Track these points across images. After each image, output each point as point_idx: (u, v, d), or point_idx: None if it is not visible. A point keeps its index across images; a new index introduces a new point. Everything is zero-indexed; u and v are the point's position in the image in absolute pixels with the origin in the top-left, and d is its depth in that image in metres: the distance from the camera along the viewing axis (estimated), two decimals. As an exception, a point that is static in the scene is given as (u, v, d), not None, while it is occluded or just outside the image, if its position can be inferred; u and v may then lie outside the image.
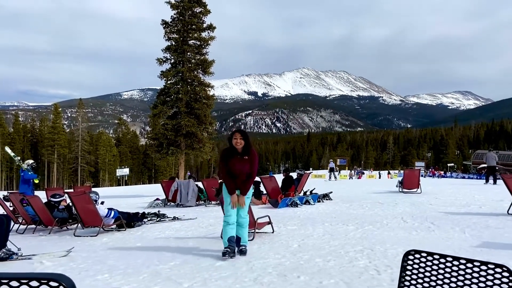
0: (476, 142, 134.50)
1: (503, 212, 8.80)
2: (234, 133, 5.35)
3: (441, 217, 8.36)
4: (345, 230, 7.08)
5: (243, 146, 5.28)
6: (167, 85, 23.54)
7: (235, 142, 5.25)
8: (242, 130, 5.45)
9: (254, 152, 5.40)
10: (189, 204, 12.88)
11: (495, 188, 16.72)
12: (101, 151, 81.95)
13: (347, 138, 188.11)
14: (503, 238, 6.16)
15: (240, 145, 5.25)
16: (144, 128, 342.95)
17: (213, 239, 6.76)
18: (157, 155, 23.87)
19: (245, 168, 5.31)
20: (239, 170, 5.29)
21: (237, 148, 5.28)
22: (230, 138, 5.35)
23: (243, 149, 5.29)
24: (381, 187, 19.69)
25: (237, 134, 5.29)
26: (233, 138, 5.28)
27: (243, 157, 5.28)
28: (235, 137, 5.28)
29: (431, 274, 1.76)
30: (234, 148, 5.30)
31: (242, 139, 5.26)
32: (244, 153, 5.29)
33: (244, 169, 5.31)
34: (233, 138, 5.28)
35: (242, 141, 5.26)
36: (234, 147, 5.29)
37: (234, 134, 5.32)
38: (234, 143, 5.26)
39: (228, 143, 5.40)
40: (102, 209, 7.80)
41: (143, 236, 7.46)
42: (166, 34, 23.60)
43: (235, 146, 5.27)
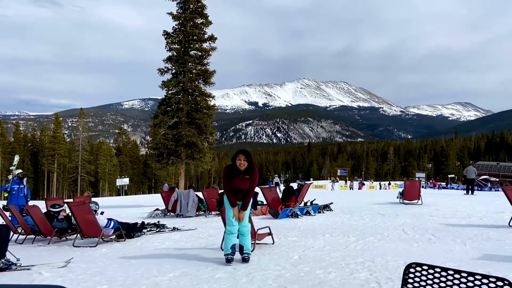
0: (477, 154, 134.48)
1: (504, 224, 8.76)
2: (238, 154, 5.50)
3: (442, 229, 8.33)
4: (345, 242, 7.04)
5: (246, 167, 5.45)
6: (168, 95, 23.65)
7: (239, 163, 5.42)
8: (246, 151, 5.58)
9: (256, 171, 5.58)
10: (189, 214, 12.82)
11: (496, 200, 16.66)
12: (101, 160, 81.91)
13: (347, 148, 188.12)
14: (504, 250, 6.12)
15: (244, 166, 5.43)
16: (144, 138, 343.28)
17: (213, 250, 6.72)
18: (157, 165, 23.86)
19: (246, 185, 5.53)
20: (240, 187, 5.51)
21: (240, 169, 5.45)
22: (234, 158, 5.52)
23: (245, 169, 5.47)
24: (381, 198, 19.63)
25: (241, 156, 5.45)
26: (237, 159, 5.44)
27: (244, 176, 5.47)
28: (238, 158, 5.44)
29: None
30: (237, 167, 5.47)
31: (245, 161, 5.44)
32: (246, 172, 5.48)
33: (245, 187, 5.52)
34: (237, 159, 5.44)
35: (245, 163, 5.44)
36: (236, 167, 5.48)
37: (238, 156, 5.47)
38: (238, 164, 5.43)
39: (232, 161, 5.57)
40: (102, 219, 7.77)
41: (143, 247, 7.41)
42: (167, 44, 23.77)
43: (239, 167, 5.43)
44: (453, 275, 1.73)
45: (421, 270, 1.81)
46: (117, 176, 75.44)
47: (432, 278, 1.77)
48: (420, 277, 1.80)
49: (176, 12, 23.67)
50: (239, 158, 5.43)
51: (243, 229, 5.63)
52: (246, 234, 5.65)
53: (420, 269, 1.81)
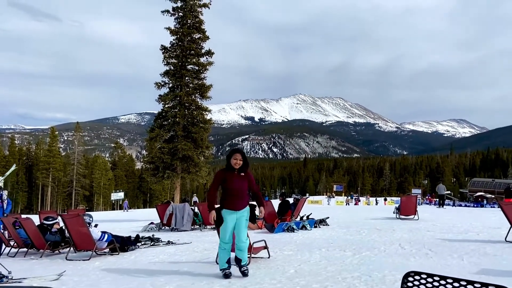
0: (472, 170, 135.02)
1: (501, 240, 8.73)
2: (234, 153, 5.38)
3: (439, 243, 8.28)
4: (342, 256, 6.98)
5: (241, 166, 5.37)
6: (164, 109, 23.68)
7: (235, 162, 5.32)
8: (241, 151, 5.52)
9: (249, 171, 5.51)
10: (184, 228, 12.70)
11: (492, 215, 16.66)
12: (96, 174, 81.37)
13: (343, 164, 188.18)
14: (502, 265, 6.09)
15: (239, 166, 5.35)
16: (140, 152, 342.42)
17: (208, 263, 6.64)
18: (153, 178, 23.73)
19: (244, 185, 5.39)
20: (238, 186, 5.34)
21: (235, 168, 5.34)
22: (229, 156, 5.39)
23: (240, 168, 5.37)
24: (378, 213, 19.56)
25: (238, 155, 5.36)
26: (233, 159, 5.33)
27: (239, 174, 5.36)
28: (235, 157, 5.33)
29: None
30: (231, 167, 5.35)
31: (241, 160, 5.37)
32: (240, 170, 5.38)
33: (244, 187, 5.39)
34: (233, 158, 5.33)
35: (241, 162, 5.37)
36: (230, 166, 5.35)
37: (234, 155, 5.36)
38: (233, 163, 5.32)
39: (226, 162, 5.44)
40: (96, 232, 7.67)
41: (137, 260, 7.31)
42: (165, 59, 23.92)
43: (234, 166, 5.33)
44: (452, 284, 1.71)
45: (419, 278, 1.78)
46: (112, 190, 74.91)
47: (431, 287, 1.75)
48: (419, 286, 1.77)
49: (174, 27, 23.89)
50: (235, 158, 5.32)
51: (242, 245, 5.43)
52: (245, 249, 5.49)
53: (419, 277, 1.78)
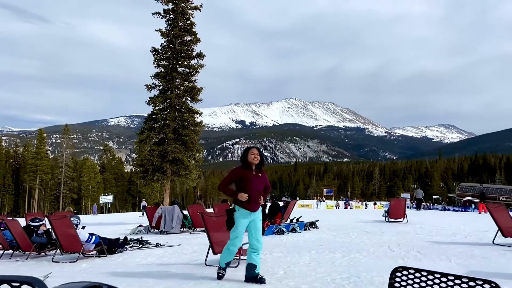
0: (460, 175, 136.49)
1: (489, 242, 8.81)
2: (250, 149, 5.32)
3: (427, 246, 8.33)
4: (331, 258, 6.97)
5: (258, 163, 5.28)
6: (155, 111, 23.56)
7: (253, 157, 5.21)
8: (257, 147, 5.48)
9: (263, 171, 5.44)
10: (173, 231, 12.60)
11: (480, 218, 16.86)
12: (84, 177, 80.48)
13: (333, 168, 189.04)
14: (489, 267, 6.14)
15: (257, 161, 5.24)
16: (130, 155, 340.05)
17: (197, 265, 6.58)
18: (142, 181, 23.57)
19: (261, 186, 5.31)
20: (256, 188, 5.20)
21: (253, 164, 5.23)
22: (245, 153, 5.29)
23: (257, 165, 5.28)
24: (367, 217, 19.63)
25: (255, 150, 5.30)
26: (250, 154, 5.24)
27: (258, 174, 5.25)
28: (252, 152, 5.25)
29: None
30: (248, 165, 5.25)
31: (259, 155, 5.28)
32: (257, 168, 5.28)
33: (261, 188, 5.29)
34: (250, 153, 5.25)
35: (259, 157, 5.26)
36: (247, 164, 5.24)
37: (251, 150, 5.30)
38: (251, 158, 5.20)
39: (242, 161, 5.33)
40: (83, 234, 7.56)
41: (124, 262, 7.22)
42: (155, 61, 23.83)
43: (252, 161, 5.22)
44: (439, 278, 1.71)
45: (407, 274, 1.77)
46: (100, 193, 74.18)
47: (418, 282, 1.74)
48: (407, 280, 1.76)
49: (165, 29, 23.83)
50: (252, 152, 5.22)
51: (258, 246, 5.15)
52: (259, 251, 5.19)
53: (407, 272, 1.78)
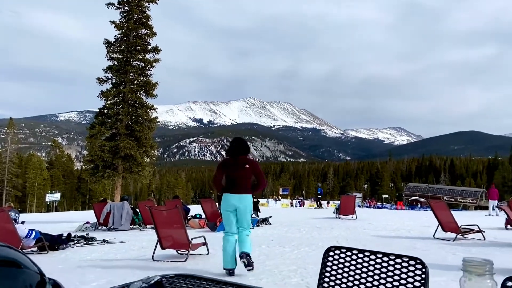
0: (408, 176, 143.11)
1: (430, 236, 9.28)
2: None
3: (373, 240, 8.64)
4: (281, 252, 7.05)
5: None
6: (106, 106, 22.70)
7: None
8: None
9: (254, 161, 5.40)
10: (122, 228, 12.20)
11: (424, 217, 17.74)
12: (30, 174, 76.25)
13: (290, 168, 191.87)
14: (428, 259, 6.39)
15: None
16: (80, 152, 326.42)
17: (143, 261, 6.42)
18: (92, 178, 22.64)
19: (248, 174, 5.21)
20: (240, 176, 5.16)
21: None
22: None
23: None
24: (319, 214, 20.10)
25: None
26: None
27: (243, 166, 5.20)
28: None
29: (349, 270, 1.75)
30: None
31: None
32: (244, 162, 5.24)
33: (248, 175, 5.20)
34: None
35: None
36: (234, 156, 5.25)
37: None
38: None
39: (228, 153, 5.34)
40: (22, 229, 7.14)
41: (67, 258, 6.90)
42: (108, 53, 22.98)
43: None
44: (369, 256, 1.75)
45: (339, 253, 1.80)
46: (47, 191, 70.60)
47: (349, 260, 1.77)
48: (339, 260, 1.79)
49: (119, 21, 23.05)
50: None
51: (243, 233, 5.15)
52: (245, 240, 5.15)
53: (339, 252, 1.80)
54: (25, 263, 0.72)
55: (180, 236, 6.47)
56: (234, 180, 5.15)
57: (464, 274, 0.57)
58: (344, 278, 1.74)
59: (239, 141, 5.36)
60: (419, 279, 1.59)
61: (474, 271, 0.56)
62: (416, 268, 1.63)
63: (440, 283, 4.50)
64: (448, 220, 9.22)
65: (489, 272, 0.56)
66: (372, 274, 1.70)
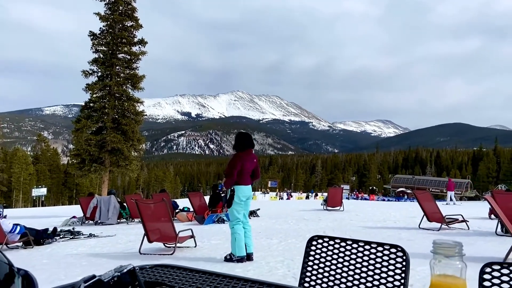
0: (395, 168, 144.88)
1: (415, 227, 9.42)
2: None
3: (359, 230, 8.74)
4: (268, 244, 7.08)
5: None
6: (92, 99, 22.40)
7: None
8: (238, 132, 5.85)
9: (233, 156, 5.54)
10: (109, 222, 12.11)
11: (410, 208, 18.00)
12: (15, 169, 75.03)
13: (278, 161, 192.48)
14: (413, 248, 6.54)
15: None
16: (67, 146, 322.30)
17: (130, 254, 6.38)
18: (79, 172, 22.40)
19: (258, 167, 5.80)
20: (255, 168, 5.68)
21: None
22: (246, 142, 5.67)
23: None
24: (307, 206, 20.22)
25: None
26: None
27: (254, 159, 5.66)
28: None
29: (332, 258, 1.76)
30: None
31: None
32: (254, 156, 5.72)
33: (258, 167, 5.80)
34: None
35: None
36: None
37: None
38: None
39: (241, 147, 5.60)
40: (6, 224, 7.03)
41: (52, 253, 6.82)
42: (93, 46, 22.64)
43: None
44: (351, 245, 1.76)
45: (322, 242, 1.81)
46: (33, 185, 69.61)
47: (332, 249, 1.79)
48: (321, 248, 1.80)
49: (104, 13, 22.69)
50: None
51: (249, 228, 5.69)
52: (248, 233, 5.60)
53: (322, 241, 1.82)
54: None
55: (167, 229, 6.45)
56: (249, 172, 5.51)
57: (434, 257, 0.58)
58: (327, 266, 1.75)
59: (249, 136, 5.69)
60: (400, 266, 1.62)
61: (444, 253, 0.57)
62: (397, 256, 1.65)
63: (424, 271, 4.58)
64: (433, 210, 9.36)
65: (458, 254, 0.56)
66: (354, 262, 1.72)
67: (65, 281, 4.42)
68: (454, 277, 0.58)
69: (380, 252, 1.69)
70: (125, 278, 0.74)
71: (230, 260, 5.38)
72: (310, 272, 1.77)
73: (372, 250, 1.71)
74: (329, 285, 1.71)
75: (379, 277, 1.61)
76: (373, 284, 1.61)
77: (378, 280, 1.61)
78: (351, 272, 1.71)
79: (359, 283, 1.65)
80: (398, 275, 1.58)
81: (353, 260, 1.73)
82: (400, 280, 1.56)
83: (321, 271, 1.77)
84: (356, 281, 1.66)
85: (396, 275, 1.58)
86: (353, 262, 1.73)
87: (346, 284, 1.68)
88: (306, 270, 1.80)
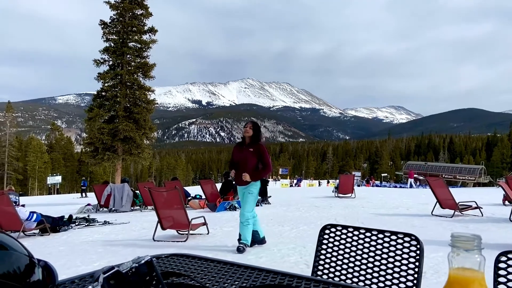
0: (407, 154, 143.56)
1: (428, 214, 9.37)
2: (246, 123, 5.48)
3: (371, 217, 8.72)
4: (280, 231, 7.12)
5: (251, 136, 5.34)
6: (104, 88, 22.56)
7: (245, 130, 5.38)
8: (255, 122, 5.54)
9: (262, 146, 5.39)
10: (123, 209, 12.30)
11: (422, 194, 17.87)
12: (30, 157, 76.36)
13: (289, 148, 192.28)
14: (426, 235, 6.53)
15: (248, 134, 5.34)
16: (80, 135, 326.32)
17: (144, 241, 6.48)
18: (92, 160, 22.70)
19: (250, 159, 5.29)
20: (243, 160, 5.31)
21: (245, 137, 5.36)
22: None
23: (250, 139, 5.35)
24: (318, 193, 20.23)
25: (249, 124, 5.44)
26: (244, 127, 5.44)
27: (248, 149, 5.32)
28: (245, 126, 5.43)
29: (345, 247, 1.77)
30: (243, 140, 5.43)
31: (251, 129, 5.35)
32: (250, 144, 5.34)
33: (248, 160, 5.28)
34: (244, 127, 5.45)
35: (251, 131, 5.34)
36: (243, 140, 5.44)
37: (246, 124, 5.46)
38: (243, 131, 5.40)
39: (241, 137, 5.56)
40: (23, 212, 7.19)
41: (68, 240, 6.97)
42: (104, 34, 22.71)
43: (244, 135, 5.38)
44: (364, 233, 1.76)
45: (335, 230, 1.82)
46: (48, 174, 70.87)
47: (345, 238, 1.79)
48: (334, 237, 1.81)
49: (114, 1, 22.68)
50: (245, 126, 5.42)
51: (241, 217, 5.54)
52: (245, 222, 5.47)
53: (335, 229, 1.82)
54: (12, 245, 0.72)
55: (180, 216, 6.52)
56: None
57: (452, 250, 0.57)
58: (340, 255, 1.76)
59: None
60: (414, 255, 1.61)
61: (462, 246, 0.56)
62: (411, 245, 1.64)
63: (437, 258, 4.57)
64: (446, 197, 9.29)
65: (477, 247, 0.56)
66: (367, 251, 1.72)
67: (81, 267, 4.53)
68: (473, 271, 0.58)
69: (394, 241, 1.69)
70: (142, 269, 0.76)
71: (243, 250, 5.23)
72: (323, 261, 1.78)
73: (385, 238, 1.71)
74: (343, 273, 1.72)
75: (393, 266, 1.61)
76: (387, 273, 1.61)
77: (392, 269, 1.61)
78: (364, 261, 1.71)
79: (373, 271, 1.65)
80: (412, 264, 1.58)
81: (366, 249, 1.73)
82: (414, 269, 1.56)
83: (334, 259, 1.78)
84: (369, 269, 1.67)
85: (410, 263, 1.58)
86: (366, 250, 1.73)
87: (359, 273, 1.68)
88: (319, 259, 1.81)
